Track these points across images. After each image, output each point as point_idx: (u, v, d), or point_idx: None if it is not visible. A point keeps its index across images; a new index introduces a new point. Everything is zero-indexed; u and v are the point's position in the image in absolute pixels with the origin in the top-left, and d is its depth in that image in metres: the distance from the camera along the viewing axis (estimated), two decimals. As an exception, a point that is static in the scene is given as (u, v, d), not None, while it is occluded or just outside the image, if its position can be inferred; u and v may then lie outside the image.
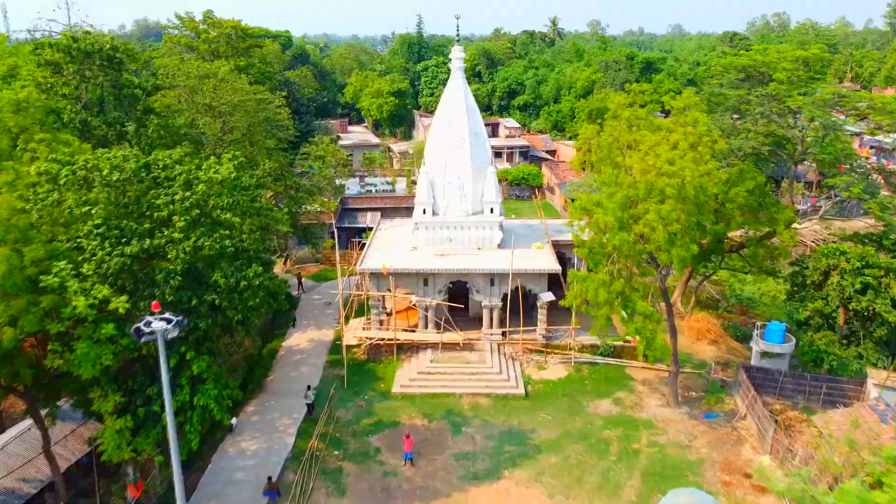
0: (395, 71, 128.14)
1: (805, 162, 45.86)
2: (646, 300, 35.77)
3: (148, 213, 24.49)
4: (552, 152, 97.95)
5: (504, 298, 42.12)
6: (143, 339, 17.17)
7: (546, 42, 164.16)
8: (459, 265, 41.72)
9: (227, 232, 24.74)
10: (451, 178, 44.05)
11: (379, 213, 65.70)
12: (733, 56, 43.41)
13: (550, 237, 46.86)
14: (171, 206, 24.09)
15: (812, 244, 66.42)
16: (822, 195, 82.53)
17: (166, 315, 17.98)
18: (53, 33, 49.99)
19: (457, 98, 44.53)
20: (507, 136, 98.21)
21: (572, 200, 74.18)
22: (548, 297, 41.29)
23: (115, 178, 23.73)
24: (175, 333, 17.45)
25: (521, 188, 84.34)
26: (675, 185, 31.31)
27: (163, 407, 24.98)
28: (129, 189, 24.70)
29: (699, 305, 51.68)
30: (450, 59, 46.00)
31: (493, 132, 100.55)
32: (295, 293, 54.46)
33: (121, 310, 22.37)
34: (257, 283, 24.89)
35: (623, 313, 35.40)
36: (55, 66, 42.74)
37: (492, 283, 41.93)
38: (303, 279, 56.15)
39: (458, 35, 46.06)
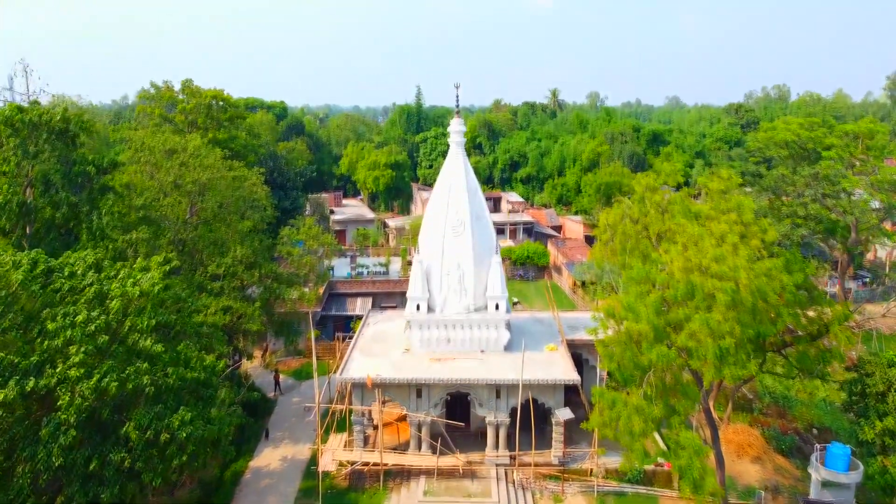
0: (393, 142, 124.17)
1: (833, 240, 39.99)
2: (688, 425, 29.15)
3: (39, 339, 18.12)
4: (558, 228, 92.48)
5: (513, 413, 35.39)
6: None
7: (547, 113, 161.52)
8: (459, 374, 35.16)
9: (145, 365, 18.36)
10: (450, 269, 37.91)
11: (370, 299, 59.58)
12: (784, 128, 38.16)
13: (565, 335, 40.43)
14: (69, 332, 17.76)
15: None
16: (850, 277, 76.76)
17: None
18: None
19: (456, 176, 38.89)
20: (510, 211, 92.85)
21: (582, 284, 68.43)
22: (565, 414, 34.55)
23: (-7, 295, 17.51)
24: None
25: (525, 268, 78.30)
26: (728, 290, 25.14)
27: None
28: (18, 306, 18.41)
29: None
30: (448, 133, 40.48)
31: (495, 207, 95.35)
32: (271, 395, 47.65)
33: (-16, 482, 15.76)
34: (185, 434, 18.32)
35: (660, 442, 28.88)
36: (-5, 139, 37.34)
37: (497, 396, 35.28)
38: (281, 377, 49.37)
39: (457, 105, 40.80)
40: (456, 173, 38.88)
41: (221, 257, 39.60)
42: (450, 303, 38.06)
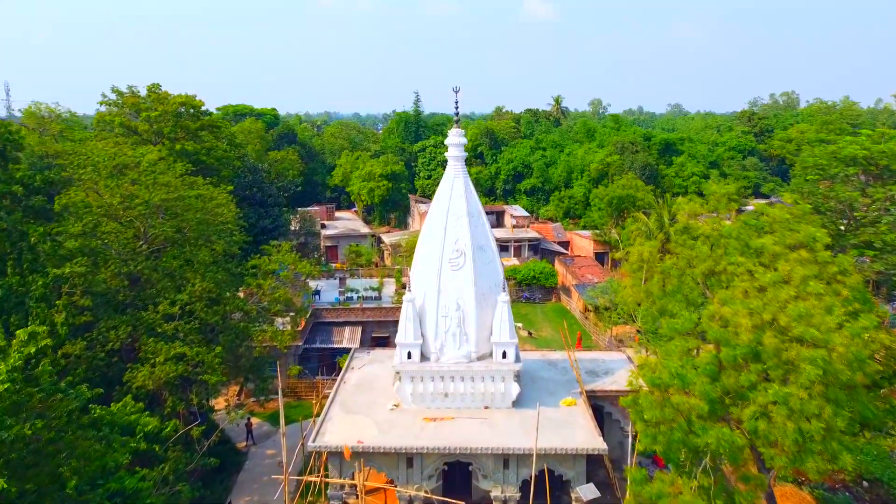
0: (390, 151, 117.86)
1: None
2: None
3: None
4: (565, 244, 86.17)
5: (524, 485, 29.01)
6: None
7: (550, 121, 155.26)
8: (458, 441, 28.79)
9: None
10: (448, 310, 31.57)
11: (360, 329, 53.28)
12: (850, 140, 31.95)
13: (584, 384, 34.11)
14: None
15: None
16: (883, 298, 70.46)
17: None
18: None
19: (455, 198, 32.63)
20: (515, 227, 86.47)
21: (595, 309, 62.04)
22: (589, 493, 28.10)
23: None
24: None
25: (531, 289, 71.86)
26: (819, 361, 18.83)
27: None
28: None
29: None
30: (446, 146, 34.15)
31: (498, 221, 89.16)
32: (242, 445, 41.27)
33: None
34: None
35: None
36: None
37: (506, 466, 28.90)
38: (256, 422, 43.03)
39: (457, 112, 34.53)
40: (455, 194, 32.62)
41: (177, 292, 33.27)
42: (447, 350, 31.70)
